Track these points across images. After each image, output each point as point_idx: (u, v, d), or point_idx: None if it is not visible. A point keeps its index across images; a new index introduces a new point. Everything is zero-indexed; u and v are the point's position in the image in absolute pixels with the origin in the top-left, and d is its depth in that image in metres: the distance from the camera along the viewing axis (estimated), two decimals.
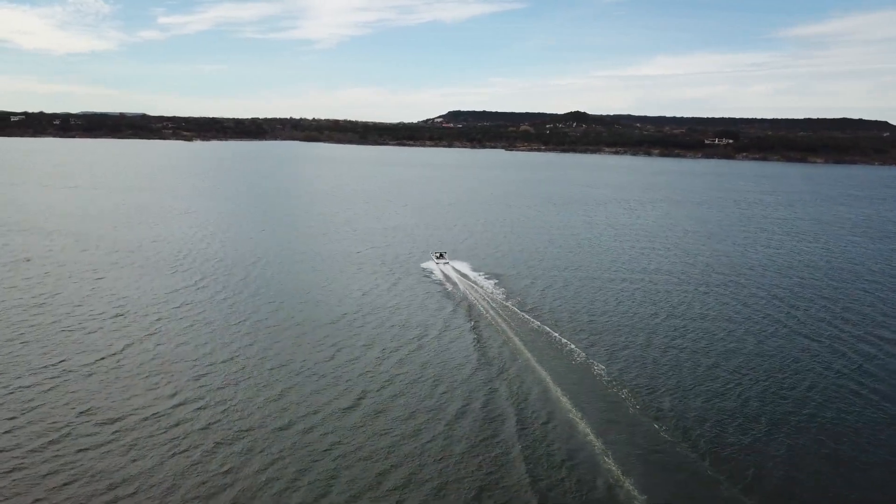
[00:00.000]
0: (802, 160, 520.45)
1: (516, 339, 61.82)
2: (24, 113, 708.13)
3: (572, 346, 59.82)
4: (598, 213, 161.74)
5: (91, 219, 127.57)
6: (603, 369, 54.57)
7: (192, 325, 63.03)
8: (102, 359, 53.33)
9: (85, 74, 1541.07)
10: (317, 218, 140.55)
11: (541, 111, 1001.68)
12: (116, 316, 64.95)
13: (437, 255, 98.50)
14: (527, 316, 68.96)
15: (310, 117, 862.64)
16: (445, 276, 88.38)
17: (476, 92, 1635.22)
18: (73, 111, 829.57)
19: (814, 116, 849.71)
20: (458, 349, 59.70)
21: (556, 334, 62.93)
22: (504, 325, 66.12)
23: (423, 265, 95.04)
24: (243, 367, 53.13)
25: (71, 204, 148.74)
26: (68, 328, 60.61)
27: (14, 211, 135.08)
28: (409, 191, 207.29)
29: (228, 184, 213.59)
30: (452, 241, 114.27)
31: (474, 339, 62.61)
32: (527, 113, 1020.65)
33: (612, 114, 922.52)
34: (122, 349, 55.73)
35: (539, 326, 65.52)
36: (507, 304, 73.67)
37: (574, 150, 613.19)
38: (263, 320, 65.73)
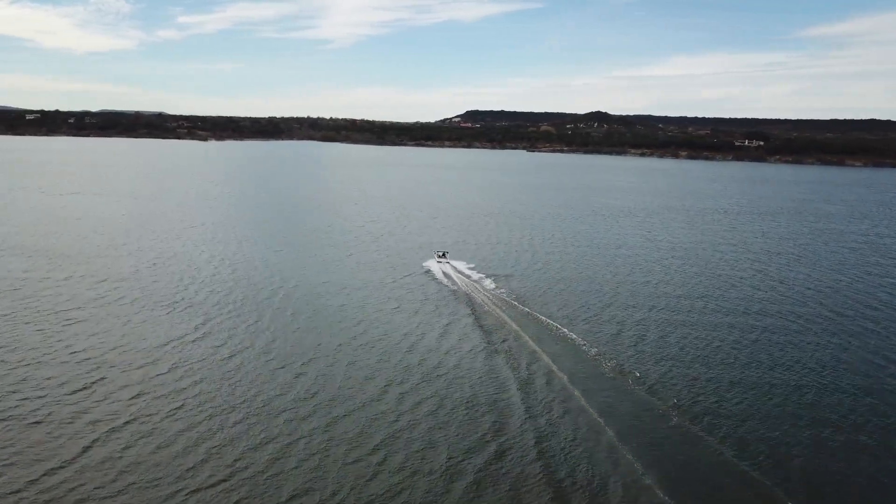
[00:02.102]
0: (840, 163, 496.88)
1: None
2: (40, 111, 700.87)
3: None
4: (653, 225, 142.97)
5: (85, 234, 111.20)
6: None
7: (180, 408, 45.81)
8: (36, 481, 36.08)
9: (104, 73, 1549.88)
10: (340, 233, 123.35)
11: (559, 111, 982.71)
12: (78, 391, 47.80)
13: (440, 254, 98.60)
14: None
15: (327, 116, 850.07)
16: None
17: (493, 92, 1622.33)
18: (93, 110, 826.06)
19: (839, 117, 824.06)
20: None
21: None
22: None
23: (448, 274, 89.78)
24: (245, 484, 35.90)
25: (67, 214, 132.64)
26: (5, 418, 43.58)
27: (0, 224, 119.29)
28: (438, 198, 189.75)
29: (241, 190, 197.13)
30: (522, 280, 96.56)
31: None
32: (545, 113, 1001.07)
33: (631, 114, 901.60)
34: (74, 460, 38.48)
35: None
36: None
37: (598, 152, 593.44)
38: (280, 391, 48.51)
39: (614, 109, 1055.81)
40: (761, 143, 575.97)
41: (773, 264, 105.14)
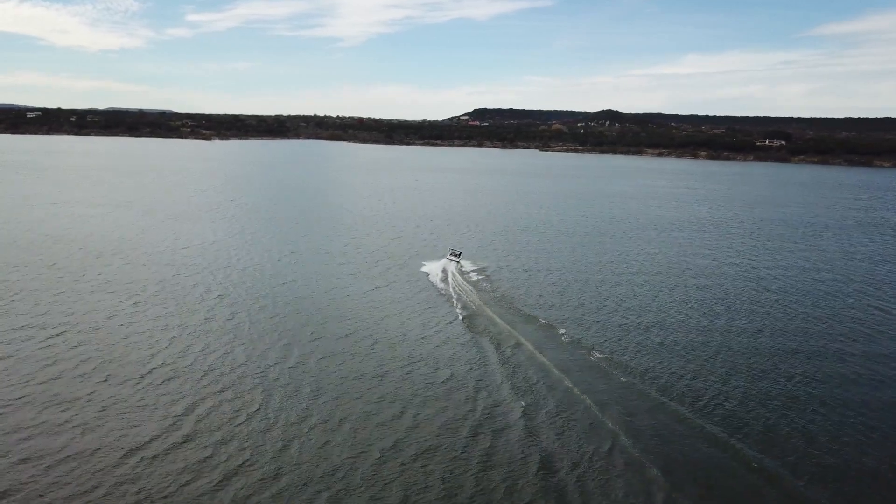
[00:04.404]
0: (867, 164, 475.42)
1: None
2: (42, 109, 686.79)
3: None
4: (713, 241, 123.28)
5: (54, 260, 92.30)
6: None
7: None
8: None
9: (115, 71, 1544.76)
10: (365, 265, 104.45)
11: (569, 109, 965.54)
12: None
13: (455, 253, 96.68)
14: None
15: (334, 115, 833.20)
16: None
17: (502, 90, 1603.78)
18: (103, 107, 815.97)
19: (853, 116, 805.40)
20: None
21: None
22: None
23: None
24: None
25: (37, 233, 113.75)
26: None
27: None
28: (463, 211, 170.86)
29: (242, 198, 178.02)
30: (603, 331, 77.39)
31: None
32: (555, 111, 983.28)
33: (642, 112, 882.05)
34: None
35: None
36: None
37: (614, 151, 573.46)
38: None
39: (625, 108, 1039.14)
40: (783, 142, 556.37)
41: (888, 297, 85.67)
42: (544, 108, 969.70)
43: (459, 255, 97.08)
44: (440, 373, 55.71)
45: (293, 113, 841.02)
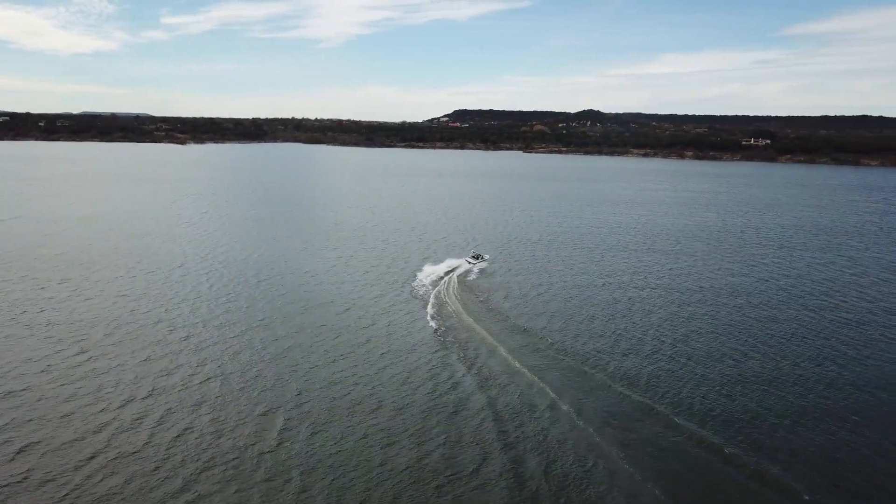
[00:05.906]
0: (855, 163, 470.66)
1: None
2: (10, 114, 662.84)
3: None
4: (740, 252, 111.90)
5: None
6: None
7: None
8: None
9: (92, 75, 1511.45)
10: (367, 294, 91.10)
11: (549, 109, 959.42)
12: None
13: (475, 255, 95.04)
14: None
15: (313, 117, 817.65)
16: None
17: (482, 91, 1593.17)
18: (78, 111, 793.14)
19: (831, 114, 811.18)
20: None
21: None
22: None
23: None
24: None
25: None
26: None
27: None
28: (479, 222, 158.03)
29: (216, 210, 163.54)
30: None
31: None
32: (535, 111, 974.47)
33: (622, 112, 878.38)
34: None
35: None
36: None
37: (599, 152, 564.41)
38: None
39: (605, 108, 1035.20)
40: (768, 141, 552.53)
41: None
42: (524, 109, 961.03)
43: (478, 258, 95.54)
44: (473, 455, 42.99)
45: (273, 115, 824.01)
